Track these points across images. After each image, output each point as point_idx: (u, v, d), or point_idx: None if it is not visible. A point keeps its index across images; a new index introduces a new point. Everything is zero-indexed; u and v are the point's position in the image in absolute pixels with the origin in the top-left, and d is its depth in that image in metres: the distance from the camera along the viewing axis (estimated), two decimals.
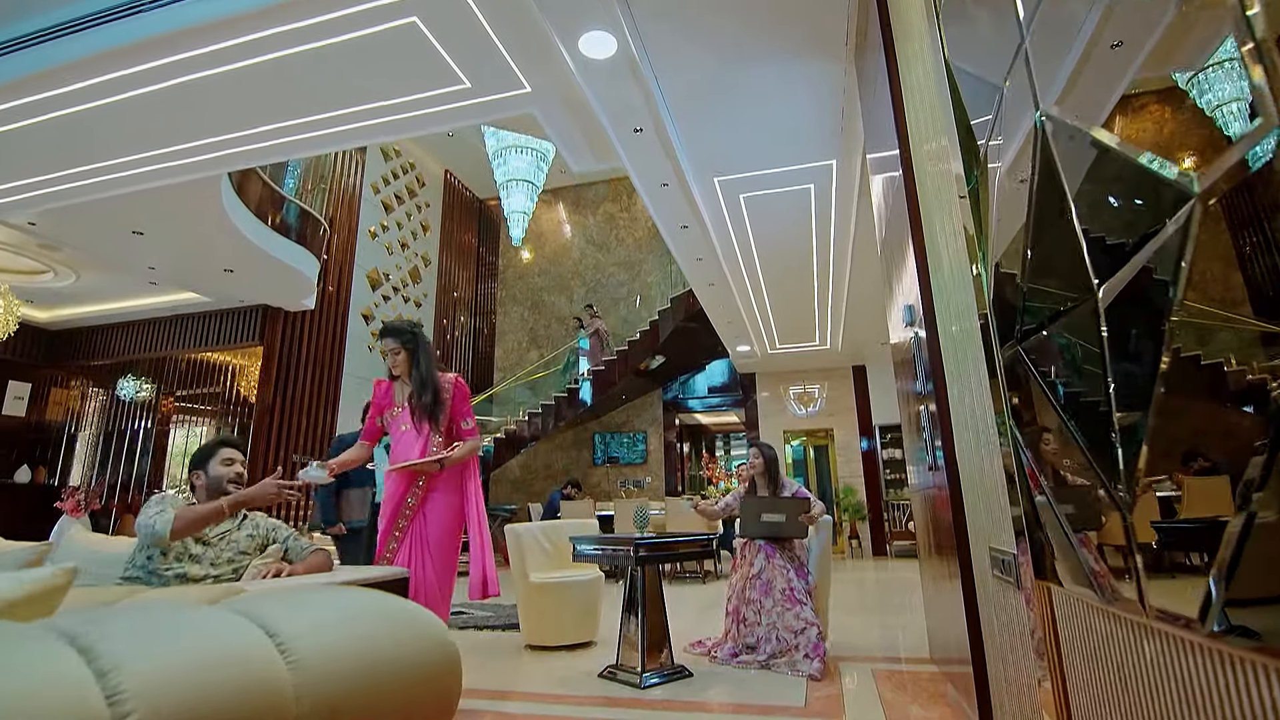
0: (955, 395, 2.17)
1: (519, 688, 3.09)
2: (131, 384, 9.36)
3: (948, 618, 2.62)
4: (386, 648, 0.91)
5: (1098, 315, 1.08)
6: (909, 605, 5.59)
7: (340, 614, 0.94)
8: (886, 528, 10.47)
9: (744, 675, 3.23)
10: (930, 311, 2.33)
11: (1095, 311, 1.08)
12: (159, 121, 4.40)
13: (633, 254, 13.52)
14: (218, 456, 2.46)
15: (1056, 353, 1.30)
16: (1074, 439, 1.20)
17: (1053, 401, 1.28)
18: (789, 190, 5.22)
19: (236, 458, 2.48)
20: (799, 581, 3.56)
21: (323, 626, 0.87)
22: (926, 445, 2.52)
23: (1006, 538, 1.72)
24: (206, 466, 2.45)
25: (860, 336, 9.47)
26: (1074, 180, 1.15)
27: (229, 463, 2.45)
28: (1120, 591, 1.10)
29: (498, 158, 8.57)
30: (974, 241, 1.75)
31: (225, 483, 2.42)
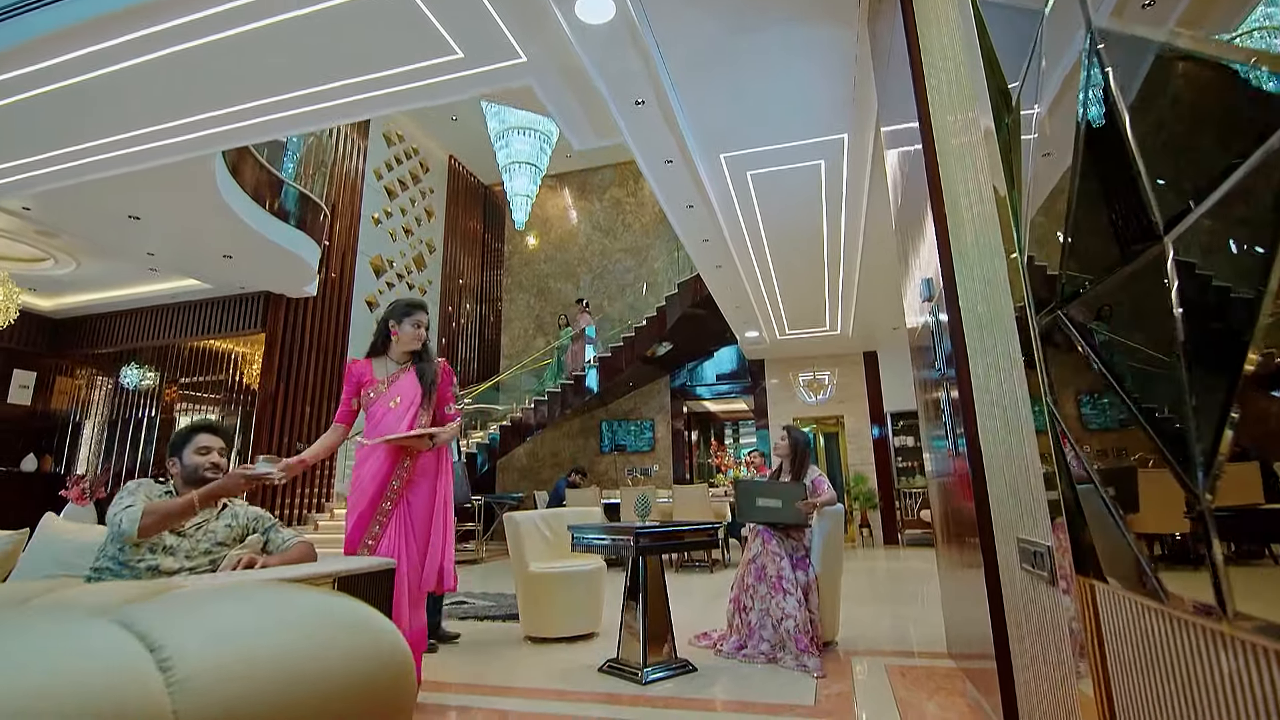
0: (979, 374, 2.00)
1: (515, 682, 2.96)
2: (135, 372, 9.30)
3: (968, 611, 2.46)
4: (308, 663, 0.76)
5: (1163, 268, 0.91)
6: (921, 595, 5.44)
7: (251, 622, 0.78)
8: (898, 516, 10.30)
9: (750, 670, 3.09)
10: (951, 282, 2.15)
11: (1161, 264, 0.91)
12: (147, 98, 4.26)
13: (639, 240, 13.33)
14: (192, 444, 2.32)
15: (1108, 317, 1.13)
16: (1132, 417, 1.03)
17: (1104, 374, 1.11)
18: (798, 167, 5.02)
19: (213, 445, 2.32)
20: (791, 571, 3.41)
21: (223, 637, 0.71)
22: (946, 430, 2.35)
23: (1039, 528, 1.55)
24: (181, 454, 2.31)
25: (872, 321, 9.26)
26: (1133, 109, 0.97)
27: (204, 451, 2.30)
28: (1181, 592, 0.93)
29: (500, 140, 8.39)
30: (1004, 201, 1.58)
31: (201, 471, 2.29)
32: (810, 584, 3.42)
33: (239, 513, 2.39)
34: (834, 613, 3.54)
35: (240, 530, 2.36)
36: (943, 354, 2.35)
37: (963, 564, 2.47)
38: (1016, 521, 1.76)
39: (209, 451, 2.30)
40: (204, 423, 2.39)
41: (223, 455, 2.35)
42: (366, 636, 0.92)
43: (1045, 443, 1.41)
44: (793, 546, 3.57)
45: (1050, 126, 1.27)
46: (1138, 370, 1.04)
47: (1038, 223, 1.43)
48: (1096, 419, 1.24)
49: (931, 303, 2.44)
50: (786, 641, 3.18)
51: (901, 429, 10.77)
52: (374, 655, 0.90)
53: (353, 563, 2.30)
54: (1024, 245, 1.46)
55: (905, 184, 2.90)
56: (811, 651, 3.11)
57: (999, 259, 1.67)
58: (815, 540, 3.52)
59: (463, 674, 3.13)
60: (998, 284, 1.71)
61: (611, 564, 4.51)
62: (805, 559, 3.51)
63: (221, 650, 0.69)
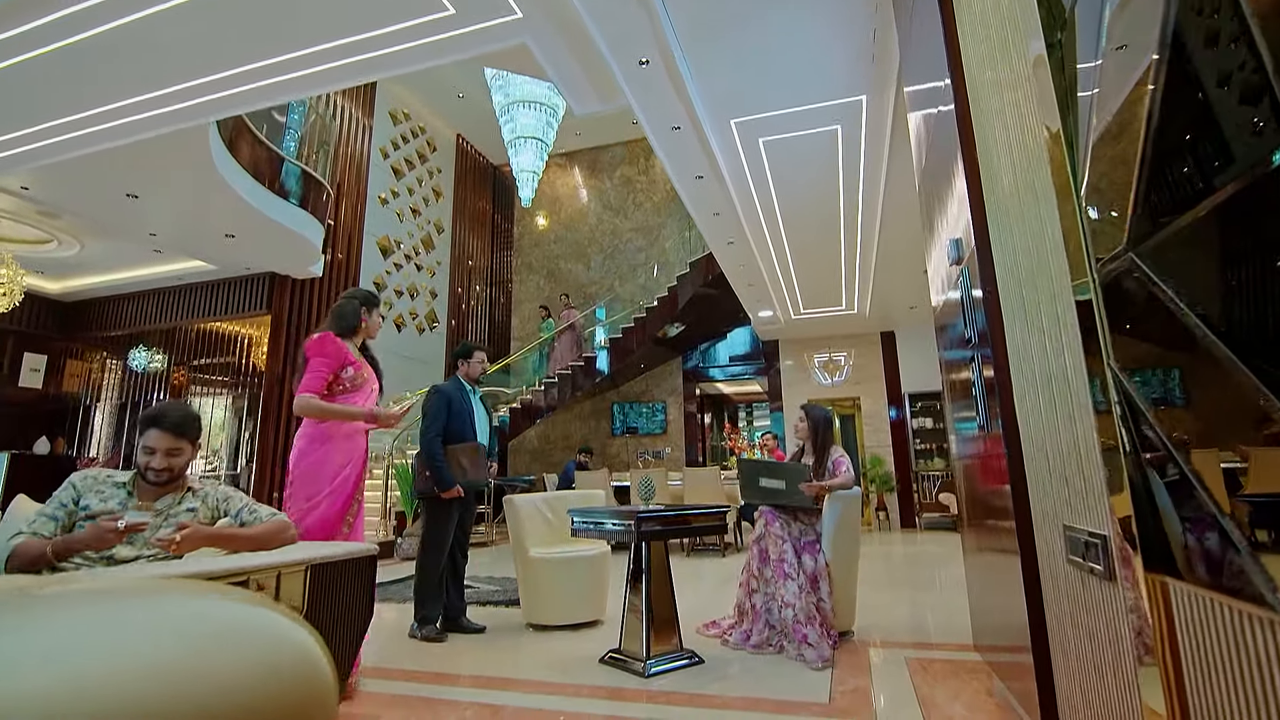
0: (1018, 340, 1.77)
1: (511, 673, 2.81)
2: (143, 355, 9.27)
3: (997, 602, 2.26)
4: (168, 687, 0.57)
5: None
6: (941, 581, 5.23)
7: (97, 637, 0.59)
8: (916, 499, 10.06)
9: (759, 661, 2.91)
10: (984, 238, 1.92)
11: None
12: (139, 63, 4.09)
13: (651, 218, 13.06)
14: (140, 440, 2.10)
15: (1201, 260, 0.91)
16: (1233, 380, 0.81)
17: (1198, 330, 0.89)
18: (813, 133, 4.75)
19: (159, 445, 2.07)
20: (795, 556, 3.23)
21: (49, 658, 0.53)
22: (977, 407, 2.13)
23: (1093, 515, 1.34)
24: (141, 443, 2.13)
25: (890, 300, 8.96)
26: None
27: (148, 452, 2.08)
28: None
29: (505, 114, 8.14)
30: (1056, 136, 1.34)
31: (144, 472, 2.11)
32: (820, 570, 3.23)
33: (208, 494, 2.23)
34: (850, 601, 3.34)
35: (209, 515, 2.20)
36: (973, 323, 2.12)
37: (993, 551, 2.26)
38: (1061, 507, 1.55)
39: (153, 453, 2.08)
40: (155, 415, 2.11)
41: (175, 456, 2.11)
42: (258, 647, 0.72)
43: (1107, 418, 1.20)
44: (801, 530, 3.37)
45: (1122, 22, 1.04)
46: (1244, 323, 0.82)
47: (1099, 157, 1.20)
48: (1174, 389, 1.03)
49: (960, 265, 2.21)
50: (787, 630, 3.00)
51: (920, 411, 10.50)
52: (268, 670, 0.71)
53: (329, 549, 2.14)
54: (1082, 181, 1.23)
55: (930, 144, 2.65)
56: (812, 642, 2.92)
57: (1046, 204, 1.44)
58: (826, 524, 3.32)
59: (456, 664, 2.99)
60: (1044, 234, 1.48)
61: (617, 548, 4.35)
62: (815, 544, 3.31)
63: (41, 676, 0.50)
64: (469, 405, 3.75)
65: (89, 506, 2.06)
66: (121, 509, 2.06)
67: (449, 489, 3.49)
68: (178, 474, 2.18)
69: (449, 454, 3.56)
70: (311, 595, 2.01)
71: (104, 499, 2.08)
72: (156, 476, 2.11)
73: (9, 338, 9.09)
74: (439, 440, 3.56)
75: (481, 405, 3.89)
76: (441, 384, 3.80)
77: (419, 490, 3.62)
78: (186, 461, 2.21)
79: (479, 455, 3.64)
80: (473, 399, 3.81)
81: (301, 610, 1.96)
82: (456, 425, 3.64)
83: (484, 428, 3.85)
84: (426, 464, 3.53)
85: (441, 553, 3.53)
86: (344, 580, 2.14)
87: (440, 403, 3.64)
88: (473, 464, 3.59)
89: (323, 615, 2.03)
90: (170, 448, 2.12)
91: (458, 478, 3.53)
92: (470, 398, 3.79)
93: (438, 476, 3.50)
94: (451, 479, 3.50)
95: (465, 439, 3.65)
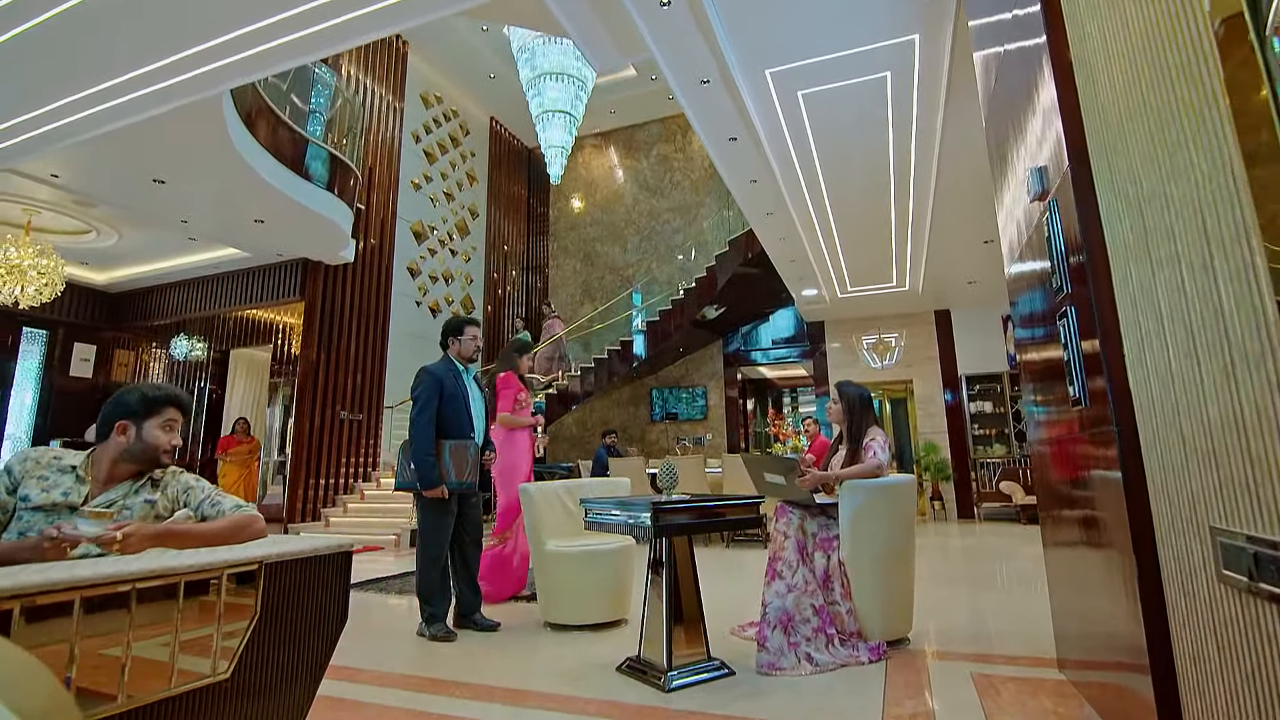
0: (1133, 283, 1.35)
1: (515, 682, 2.51)
2: (184, 343, 9.37)
3: (1095, 616, 1.84)
4: None
5: None
6: (1005, 579, 4.73)
7: None
8: (974, 488, 9.42)
9: (801, 673, 2.53)
10: (1080, 150, 1.48)
11: None
12: (140, 30, 3.92)
13: (688, 197, 12.61)
14: (162, 416, 1.86)
15: None
16: None
17: None
18: (858, 82, 4.26)
19: (178, 423, 1.90)
20: (796, 554, 2.85)
21: None
22: (1072, 374, 1.69)
23: (1268, 516, 0.93)
24: (143, 424, 1.89)
25: (945, 275, 8.34)
26: None
27: (169, 427, 1.86)
28: None
29: (531, 88, 7.83)
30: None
31: (160, 453, 1.87)
32: (832, 569, 2.84)
33: (169, 484, 1.98)
34: (904, 604, 2.92)
35: (169, 506, 1.95)
36: (1063, 269, 1.69)
37: (1086, 549, 1.84)
38: (1206, 502, 1.13)
39: (173, 429, 1.87)
40: (173, 395, 1.90)
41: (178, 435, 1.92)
42: None
43: None
44: (819, 525, 2.97)
45: None
46: None
47: None
48: None
49: (1046, 199, 1.77)
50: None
51: (978, 394, 9.83)
52: None
53: (291, 544, 1.86)
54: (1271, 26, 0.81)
55: (1002, 63, 2.19)
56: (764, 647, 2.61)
57: (1192, 87, 1.02)
58: (842, 518, 2.89)
59: (459, 669, 2.71)
60: (1183, 132, 1.06)
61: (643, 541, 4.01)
62: (833, 540, 2.91)
63: None
64: (462, 388, 3.42)
65: (29, 498, 1.83)
66: (65, 498, 1.82)
67: (433, 488, 3.18)
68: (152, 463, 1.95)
69: (439, 449, 3.25)
70: (268, 598, 1.73)
71: (47, 487, 1.84)
72: (170, 458, 1.91)
73: (59, 329, 9.32)
74: (431, 430, 3.24)
75: (476, 387, 3.57)
76: (431, 365, 3.41)
77: (401, 484, 3.34)
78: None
79: (470, 456, 3.29)
80: (465, 380, 3.49)
81: (254, 615, 1.68)
82: (450, 411, 3.32)
83: (479, 412, 3.53)
84: (412, 457, 3.24)
85: (440, 548, 3.26)
86: (310, 581, 1.86)
87: (431, 387, 3.30)
88: (459, 465, 3.25)
89: (282, 621, 1.76)
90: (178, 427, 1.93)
91: (443, 477, 3.21)
92: (463, 379, 3.47)
93: (422, 473, 3.19)
94: (437, 478, 3.18)
95: (460, 426, 3.33)
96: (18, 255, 6.86)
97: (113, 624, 1.42)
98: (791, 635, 2.65)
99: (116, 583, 1.43)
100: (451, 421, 3.29)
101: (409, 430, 3.27)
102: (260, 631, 1.73)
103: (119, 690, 1.41)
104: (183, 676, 1.54)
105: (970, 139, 4.66)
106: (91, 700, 1.37)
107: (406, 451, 3.28)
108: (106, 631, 1.41)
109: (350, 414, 8.86)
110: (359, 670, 2.70)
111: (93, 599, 1.38)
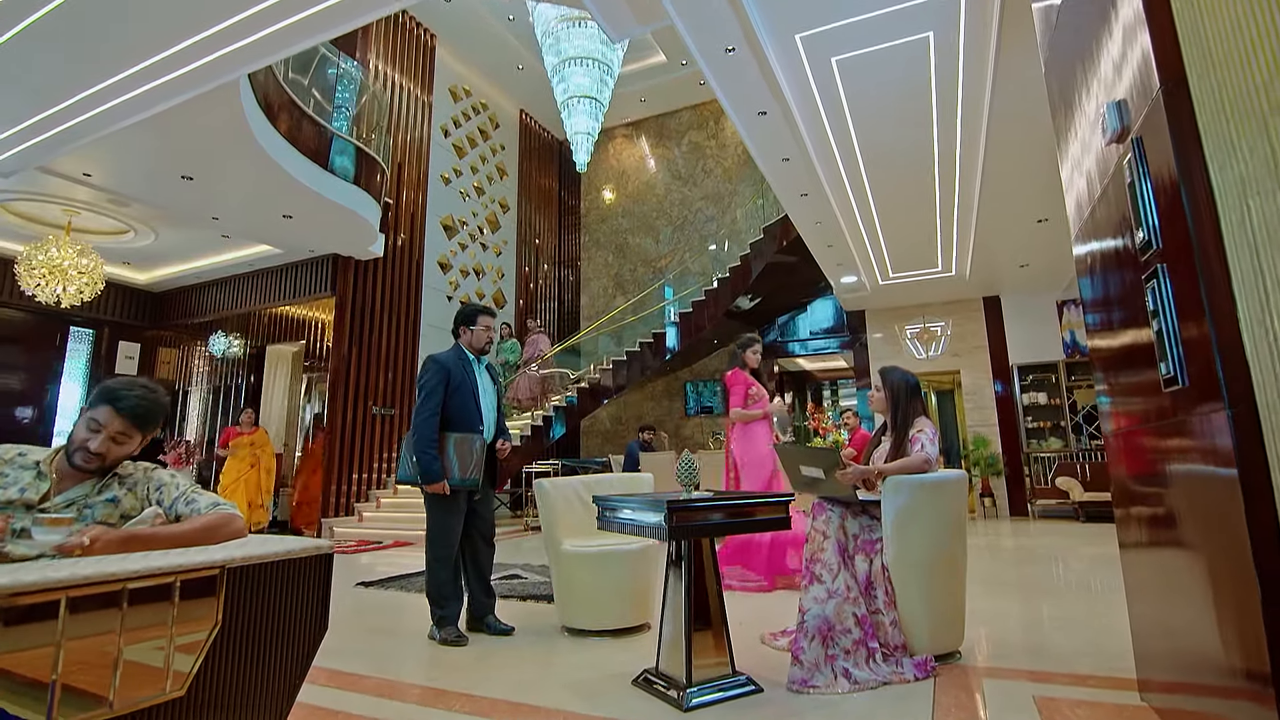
0: (1258, 228, 1.05)
1: (522, 695, 2.30)
2: (222, 341, 9.51)
3: (1192, 632, 1.54)
4: None
5: None
6: (1066, 584, 4.35)
7: None
8: (1028, 484, 8.90)
9: (838, 691, 2.27)
10: (1175, 67, 1.19)
11: None
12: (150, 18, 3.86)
13: (721, 185, 12.28)
14: (89, 412, 1.69)
15: None
16: None
17: None
18: (898, 44, 3.92)
19: (109, 427, 1.67)
20: (837, 555, 2.57)
21: None
22: (1166, 348, 1.39)
23: None
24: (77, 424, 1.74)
25: (995, 259, 7.85)
26: None
27: (92, 429, 1.67)
28: None
29: (556, 74, 7.64)
30: None
31: (73, 452, 1.69)
32: (875, 574, 2.56)
33: (137, 481, 1.83)
34: (954, 614, 2.62)
35: (137, 505, 1.80)
36: (1151, 219, 1.39)
37: (1179, 556, 1.54)
38: None
39: (96, 432, 1.66)
40: (115, 392, 1.69)
41: (121, 444, 1.70)
42: None
43: None
44: (861, 525, 2.69)
45: None
46: None
47: None
48: None
49: (1127, 137, 1.47)
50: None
51: (1031, 385, 9.28)
52: None
53: (260, 546, 1.68)
54: None
55: (1063, 10, 1.88)
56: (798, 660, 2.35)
57: None
58: (885, 519, 2.59)
59: (464, 678, 2.53)
60: None
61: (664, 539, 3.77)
62: (876, 543, 2.62)
63: None
64: (472, 379, 3.22)
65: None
66: (21, 495, 1.69)
67: (434, 483, 3.00)
68: (112, 464, 1.78)
69: (442, 442, 3.07)
70: (231, 606, 1.56)
71: (4, 484, 1.71)
72: (86, 461, 1.70)
73: (104, 328, 9.56)
74: (434, 421, 3.06)
75: (489, 378, 3.36)
76: (440, 353, 3.23)
77: (404, 477, 3.17)
78: (128, 454, 1.79)
79: (476, 451, 3.09)
80: (477, 371, 3.28)
81: (215, 625, 1.51)
82: (458, 402, 3.13)
83: (490, 405, 3.32)
84: (414, 449, 3.06)
85: (450, 547, 3.09)
86: (283, 587, 1.69)
87: (436, 376, 3.12)
88: (464, 460, 3.06)
89: (249, 632, 1.59)
90: (119, 432, 1.70)
91: (445, 473, 3.03)
92: (474, 370, 3.27)
93: (423, 466, 3.01)
94: (438, 472, 3.00)
95: (468, 419, 3.13)
96: (59, 255, 7.00)
97: (40, 637, 1.26)
98: (830, 647, 2.39)
99: (42, 591, 1.27)
100: (458, 413, 3.11)
101: (412, 420, 3.10)
102: (223, 644, 1.56)
103: (49, 713, 1.26)
104: (127, 695, 1.37)
105: (1022, 104, 4.27)
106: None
107: (410, 443, 3.11)
108: (32, 646, 1.25)
109: (383, 409, 8.85)
110: (362, 677, 2.55)
111: (12, 610, 1.22)
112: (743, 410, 4.39)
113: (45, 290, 7.01)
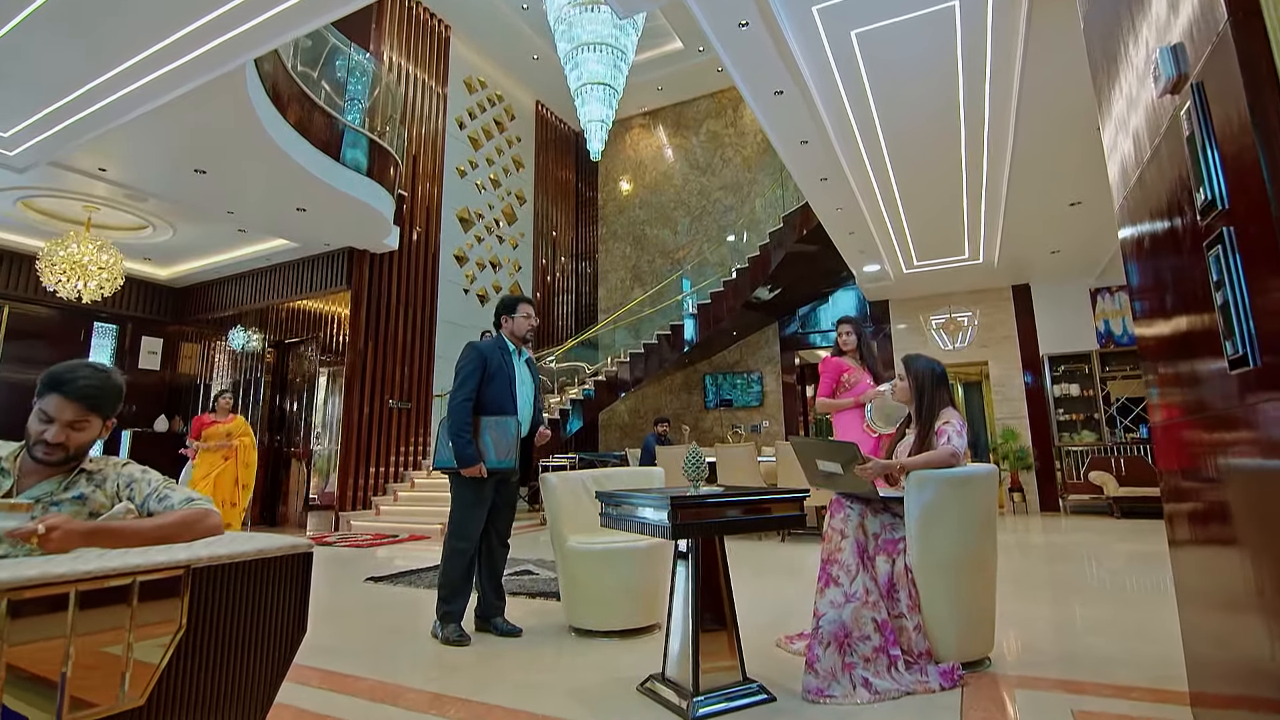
0: None
1: (522, 702, 2.19)
2: (241, 335, 9.56)
3: (1256, 642, 1.36)
4: None
5: None
6: (1103, 586, 4.12)
7: None
8: (1059, 478, 8.60)
9: (857, 701, 2.11)
10: None
11: None
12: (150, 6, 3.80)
13: (740, 174, 12.05)
14: (39, 401, 1.59)
15: None
16: None
17: None
18: (921, 15, 3.71)
19: (59, 415, 1.57)
20: (855, 556, 2.41)
21: None
22: (1233, 323, 1.20)
23: None
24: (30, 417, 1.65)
25: (1025, 246, 7.56)
26: None
27: (44, 420, 1.57)
28: None
29: (569, 61, 7.49)
30: None
31: (32, 446, 1.59)
32: (898, 576, 2.39)
33: (107, 476, 1.74)
34: (983, 619, 2.45)
35: (107, 502, 1.71)
36: (1215, 176, 1.21)
37: (1241, 556, 1.36)
38: None
39: (49, 422, 1.56)
40: (61, 378, 1.59)
41: (80, 430, 1.60)
42: None
43: None
44: (883, 524, 2.52)
45: None
46: None
47: None
48: None
49: (1186, 84, 1.29)
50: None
51: (1062, 376, 8.95)
52: None
53: (229, 545, 1.58)
54: None
55: None
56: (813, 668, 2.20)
57: None
58: (908, 516, 2.42)
59: (462, 683, 2.42)
60: None
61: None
62: (898, 542, 2.45)
63: None
64: (509, 368, 3.17)
65: None
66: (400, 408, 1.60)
67: (470, 466, 2.93)
68: (77, 454, 1.69)
69: (476, 426, 3.01)
70: (197, 609, 1.46)
71: None
72: (47, 453, 1.60)
73: (128, 323, 9.67)
74: (468, 406, 3.01)
75: (527, 370, 3.30)
76: (479, 341, 3.23)
77: (440, 463, 3.10)
78: (92, 440, 1.70)
79: (511, 435, 3.03)
80: (516, 361, 3.23)
81: (179, 629, 1.41)
82: (495, 390, 3.08)
83: (527, 395, 3.25)
84: (450, 433, 3.00)
85: (470, 540, 3.00)
86: (256, 588, 1.58)
87: (473, 362, 3.08)
88: (499, 444, 3.00)
89: (217, 636, 1.48)
90: (75, 419, 1.60)
91: (481, 456, 2.96)
92: (513, 359, 3.21)
93: (458, 450, 2.95)
94: (474, 455, 2.94)
95: (503, 407, 3.08)
96: (79, 251, 7.05)
97: None
98: (847, 655, 2.24)
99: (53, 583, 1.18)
100: (494, 400, 3.06)
101: (448, 406, 3.06)
102: (188, 649, 1.46)
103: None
104: (79, 704, 1.28)
105: (1055, 77, 4.03)
106: None
107: (444, 428, 3.05)
108: None
109: (399, 403, 8.83)
110: (357, 678, 2.46)
111: None
112: (828, 400, 4.08)
113: (66, 286, 7.08)
